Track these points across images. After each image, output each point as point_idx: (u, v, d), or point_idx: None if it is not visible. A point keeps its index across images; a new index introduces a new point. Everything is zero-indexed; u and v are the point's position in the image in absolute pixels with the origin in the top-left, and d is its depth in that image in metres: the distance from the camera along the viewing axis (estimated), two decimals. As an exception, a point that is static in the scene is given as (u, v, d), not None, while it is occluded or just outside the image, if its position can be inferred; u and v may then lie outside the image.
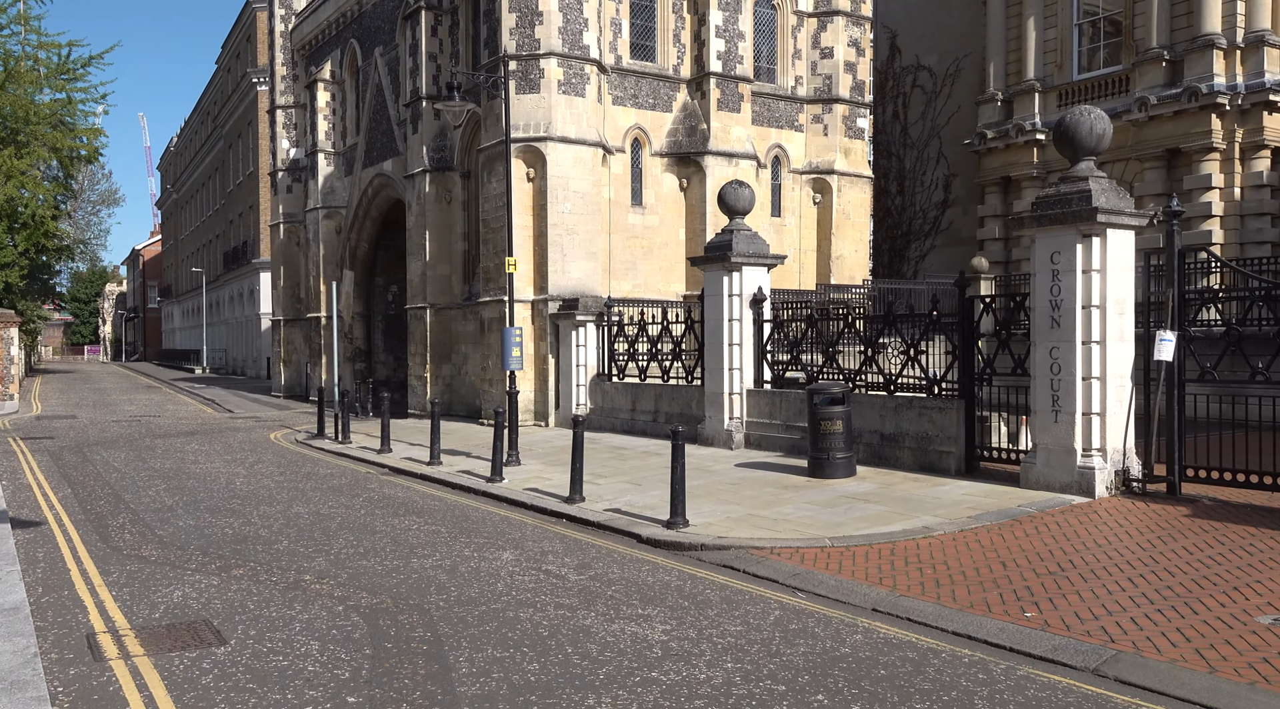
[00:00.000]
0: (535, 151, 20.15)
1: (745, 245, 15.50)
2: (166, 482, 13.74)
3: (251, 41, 48.95)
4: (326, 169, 30.40)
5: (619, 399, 18.77)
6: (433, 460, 15.73)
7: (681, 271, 22.52)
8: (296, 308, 33.93)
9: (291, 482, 14.03)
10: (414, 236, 24.40)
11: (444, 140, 23.82)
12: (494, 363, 20.72)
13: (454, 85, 15.02)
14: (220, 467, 15.61)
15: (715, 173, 21.94)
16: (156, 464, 15.81)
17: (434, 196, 23.70)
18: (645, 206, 22.17)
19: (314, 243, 30.68)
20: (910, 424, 12.80)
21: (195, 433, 21.55)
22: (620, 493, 12.53)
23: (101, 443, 19.02)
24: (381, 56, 27.49)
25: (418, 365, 24.34)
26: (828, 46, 24.02)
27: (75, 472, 14.69)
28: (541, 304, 20.29)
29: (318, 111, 30.32)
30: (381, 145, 27.68)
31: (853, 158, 24.36)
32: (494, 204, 20.75)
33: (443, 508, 12.00)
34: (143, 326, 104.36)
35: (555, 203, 20.14)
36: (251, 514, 11.07)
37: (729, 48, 22.04)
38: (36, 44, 43.27)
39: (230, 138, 55.05)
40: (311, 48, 32.42)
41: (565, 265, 20.28)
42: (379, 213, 28.92)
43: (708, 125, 21.96)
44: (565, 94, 20.24)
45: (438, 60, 23.82)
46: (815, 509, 10.79)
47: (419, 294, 24.21)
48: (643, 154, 22.15)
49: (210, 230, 63.70)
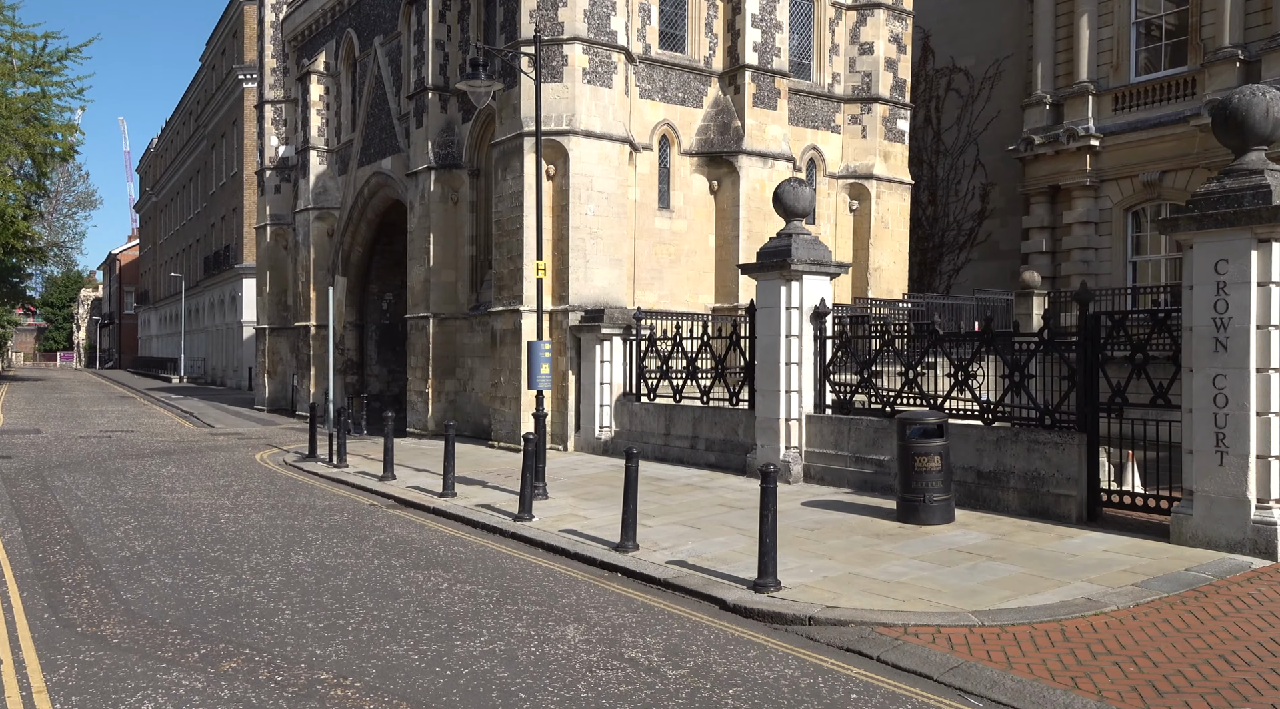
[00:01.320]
0: (556, 146, 18.26)
1: (806, 251, 13.66)
2: (138, 517, 11.68)
3: (238, 37, 46.86)
4: (319, 167, 28.38)
5: (650, 422, 16.84)
6: (446, 491, 13.76)
7: (710, 281, 20.67)
8: (283, 316, 31.80)
9: (285, 517, 12.01)
10: (416, 240, 22.42)
11: (451, 135, 21.89)
12: (507, 379, 18.76)
13: (479, 63, 13.12)
14: (201, 497, 13.55)
15: (750, 175, 20.13)
16: (127, 493, 13.72)
17: (439, 196, 21.75)
18: (673, 210, 20.31)
19: (304, 246, 28.62)
20: (1016, 460, 10.96)
21: (172, 453, 19.43)
22: (678, 539, 10.61)
23: (65, 465, 16.89)
24: (381, 46, 25.55)
25: (418, 380, 22.31)
26: (867, 42, 22.31)
27: (30, 503, 12.59)
28: (561, 315, 18.36)
29: (310, 106, 28.31)
30: (380, 141, 25.70)
31: (892, 162, 22.64)
32: (508, 204, 18.83)
33: (471, 557, 10.03)
34: (118, 333, 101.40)
35: (578, 203, 18.25)
36: (242, 567, 9.05)
37: (765, 39, 20.28)
38: (10, 35, 41.02)
39: (214, 138, 52.83)
40: (304, 38, 30.43)
41: (588, 273, 18.37)
42: (375, 214, 26.90)
43: (742, 123, 20.16)
44: (590, 84, 18.39)
45: (445, 49, 21.91)
46: (930, 568, 8.90)
47: (421, 302, 22.22)
48: (671, 153, 20.32)
49: (190, 234, 61.32)
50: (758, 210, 20.26)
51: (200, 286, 55.73)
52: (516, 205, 18.55)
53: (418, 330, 22.30)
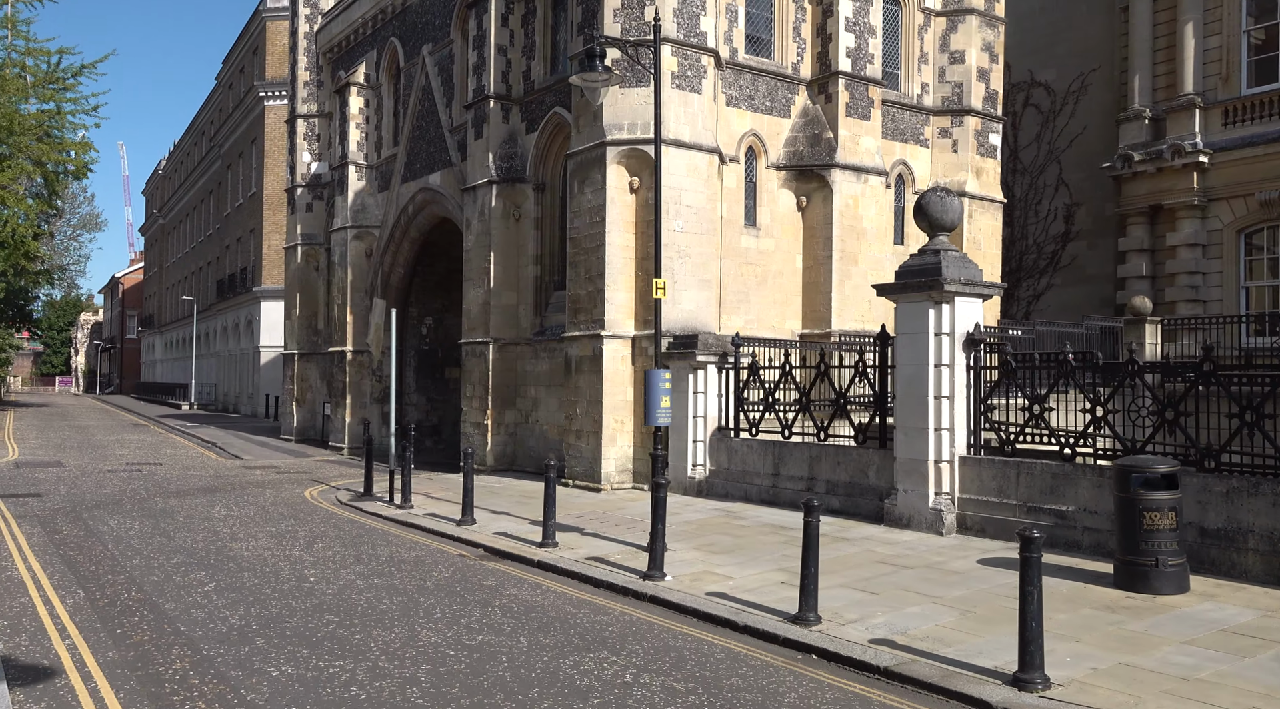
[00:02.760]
0: (641, 157, 16.72)
1: (957, 269, 12.07)
2: (212, 575, 9.95)
3: (259, 53, 45.58)
4: (358, 184, 26.84)
5: (754, 461, 15.15)
6: (546, 541, 12.04)
7: (797, 306, 19.08)
8: (313, 340, 30.13)
9: (380, 574, 10.28)
10: (473, 259, 20.82)
11: (513, 147, 20.36)
12: (584, 411, 17.09)
13: (597, 53, 11.57)
14: (270, 546, 11.81)
15: (843, 190, 18.60)
16: (185, 541, 11.98)
17: (500, 212, 20.17)
18: (760, 228, 18.76)
19: (340, 266, 27.01)
20: (1256, 517, 9.29)
21: (213, 490, 17.67)
22: (859, 608, 8.91)
23: (103, 504, 15.13)
24: (430, 55, 24.10)
25: (475, 411, 20.61)
26: (958, 50, 20.90)
27: (81, 555, 10.84)
28: (646, 341, 16.73)
29: (349, 119, 26.83)
30: (427, 156, 24.19)
31: (984, 179, 21.15)
32: (586, 219, 17.26)
33: (626, 631, 8.32)
34: (120, 358, 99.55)
35: (666, 219, 16.64)
36: (369, 649, 7.33)
37: (859, 44, 18.84)
38: (24, 50, 39.72)
39: (230, 157, 51.41)
40: (340, 50, 29.02)
41: (675, 295, 16.76)
42: (419, 233, 25.34)
43: (834, 134, 18.66)
44: (679, 89, 16.89)
45: (508, 54, 20.44)
46: (1222, 658, 7.20)
47: (478, 326, 20.57)
48: (757, 166, 18.79)
49: (201, 256, 59.73)
50: (850, 228, 18.72)
51: (212, 310, 54.05)
52: (597, 220, 16.98)
53: (475, 357, 20.64)
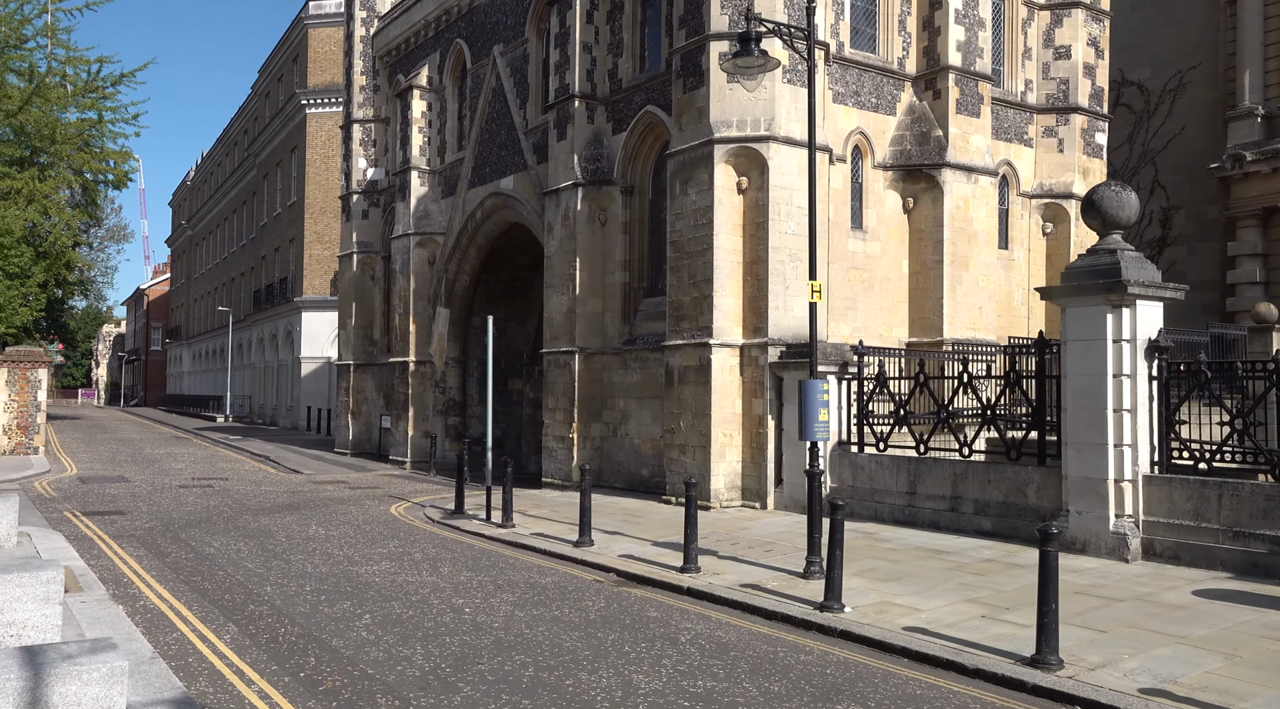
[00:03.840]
0: (751, 155, 15.84)
1: (1136, 270, 11.11)
2: (358, 604, 9.03)
3: (300, 61, 45.05)
4: (420, 190, 26.05)
5: (885, 478, 14.16)
6: (688, 565, 11.11)
7: (904, 313, 18.11)
8: (369, 351, 29.31)
9: (534, 604, 9.34)
10: (555, 265, 19.94)
11: (599, 148, 19.51)
12: (689, 424, 16.14)
13: (753, 37, 10.67)
14: (393, 570, 10.89)
15: (954, 191, 17.65)
16: (303, 564, 11.08)
17: (585, 216, 19.30)
18: (866, 231, 17.82)
19: (401, 275, 26.19)
20: None
21: (296, 507, 16.78)
22: (1099, 649, 7.91)
23: (194, 523, 14.24)
24: (502, 55, 23.32)
25: (558, 424, 19.69)
26: (1063, 45, 19.96)
27: (207, 582, 9.92)
28: (757, 350, 15.80)
29: (411, 123, 26.06)
30: (498, 159, 23.38)
31: (1091, 180, 20.15)
32: (690, 221, 16.36)
33: (852, 676, 7.36)
34: (144, 370, 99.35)
35: (776, 221, 15.77)
36: (595, 699, 6.38)
37: (969, 37, 17.93)
38: (64, 59, 39.27)
39: (266, 167, 50.84)
40: (399, 53, 28.30)
41: (787, 301, 15.83)
42: (487, 240, 24.52)
43: (944, 132, 17.73)
44: (790, 84, 16.01)
45: (593, 52, 19.61)
46: None
47: (562, 336, 19.67)
48: (863, 165, 17.88)
49: (234, 267, 59.18)
50: (961, 231, 17.77)
51: (247, 321, 53.39)
52: (702, 222, 16.08)
53: (558, 367, 19.74)
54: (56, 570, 6.55)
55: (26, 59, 39.22)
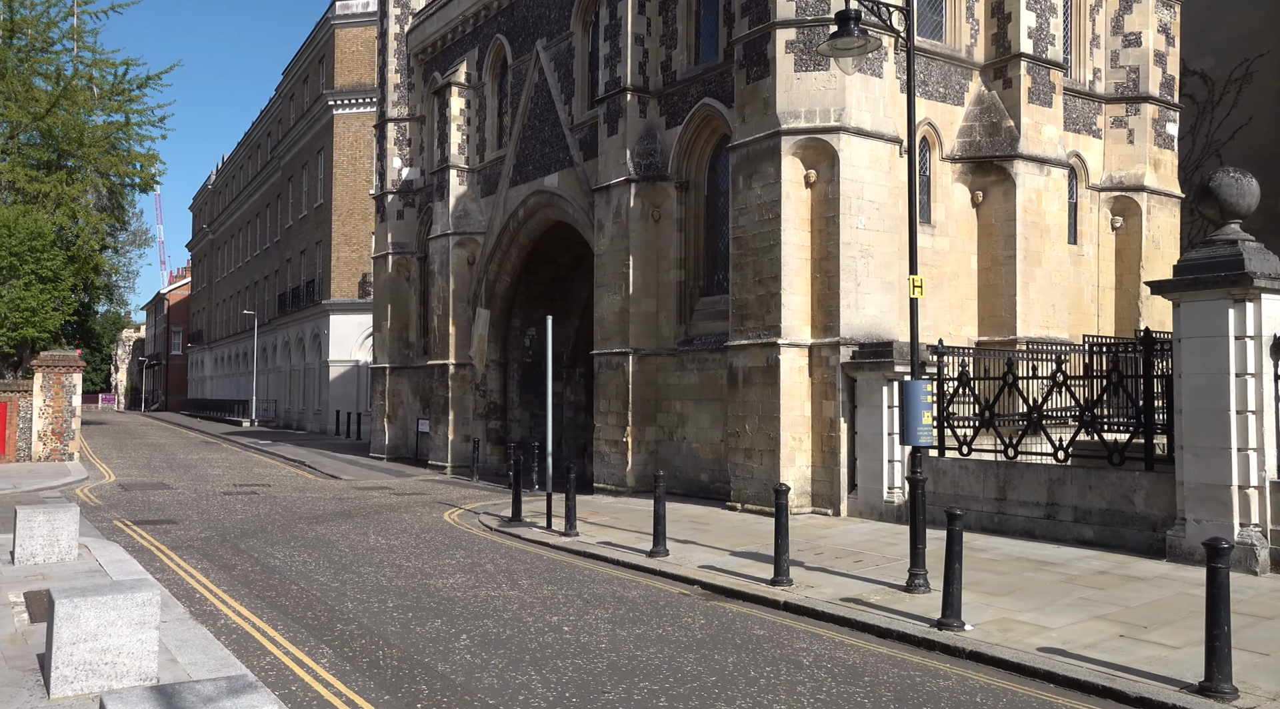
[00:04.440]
0: (820, 147, 15.20)
1: (1260, 262, 10.44)
2: (450, 623, 8.43)
3: (326, 62, 44.69)
4: (459, 188, 25.52)
5: (970, 483, 13.49)
6: (779, 577, 10.47)
7: (973, 310, 17.43)
8: (404, 354, 28.80)
9: (632, 621, 8.72)
10: (607, 264, 19.35)
11: (652, 143, 18.91)
12: (756, 427, 15.51)
13: (850, 15, 10.03)
14: (470, 583, 10.30)
15: (1026, 183, 16.96)
16: (375, 577, 10.50)
17: (639, 213, 18.70)
18: (934, 225, 17.16)
19: (440, 276, 25.66)
20: None
21: (347, 514, 16.23)
22: (1275, 676, 7.23)
23: (250, 533, 13.69)
24: (546, 50, 22.77)
25: (611, 428, 19.08)
26: (1133, 32, 19.25)
27: (284, 598, 9.32)
28: (828, 349, 15.15)
29: (449, 120, 25.53)
30: (541, 156, 22.82)
31: (1162, 172, 19.44)
32: (755, 217, 15.74)
33: (1004, 705, 6.70)
34: (165, 374, 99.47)
35: (847, 215, 15.13)
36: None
37: (1040, 24, 17.24)
38: (90, 62, 39.06)
39: (292, 169, 50.53)
40: (435, 50, 27.80)
41: (859, 299, 15.18)
42: (529, 239, 23.96)
43: (1016, 122, 17.04)
44: (860, 72, 15.36)
45: (645, 44, 19.03)
46: None
47: (614, 336, 19.07)
48: (931, 157, 17.21)
49: (257, 271, 58.93)
50: (1034, 226, 17.07)
51: (272, 325, 53.06)
52: (768, 218, 15.45)
53: (610, 369, 19.13)
54: (151, 591, 5.99)
55: (54, 62, 39.05)
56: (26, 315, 26.87)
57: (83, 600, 5.73)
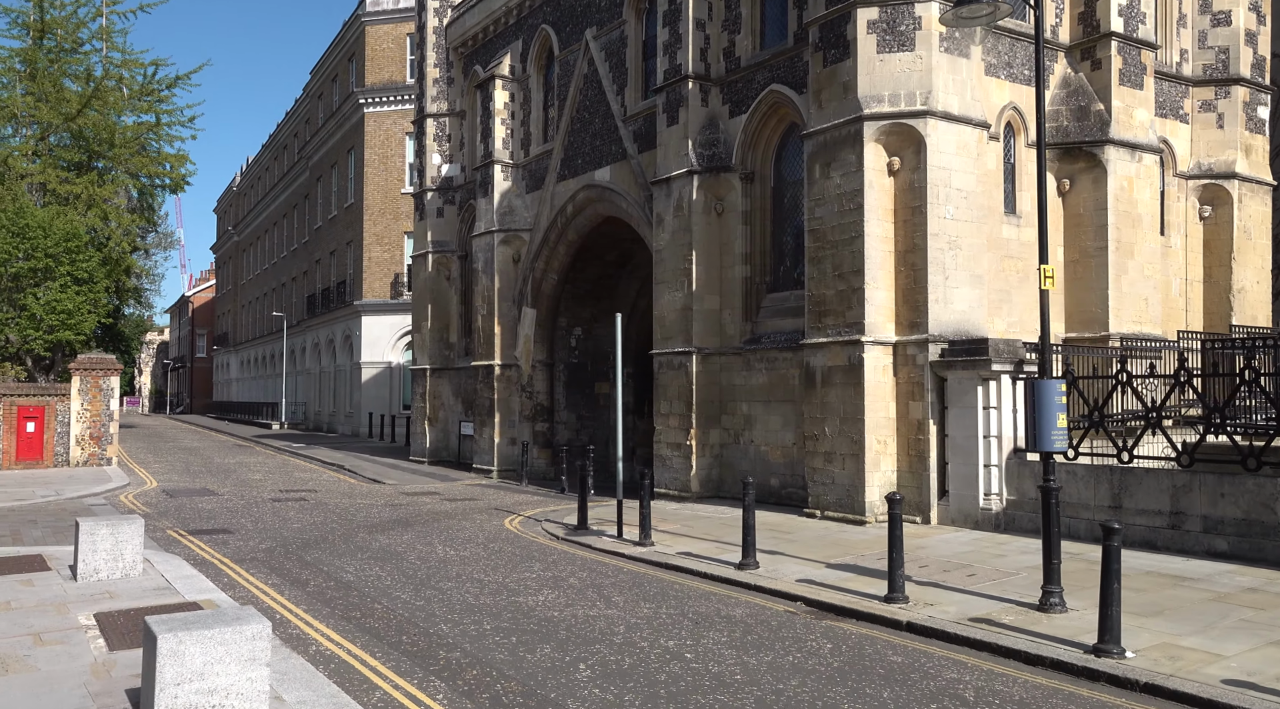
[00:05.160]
0: (904, 132, 14.34)
1: None
2: (559, 649, 7.65)
3: (356, 60, 44.14)
4: (504, 184, 24.79)
5: (1079, 490, 12.58)
6: (894, 594, 9.64)
7: (1060, 305, 16.50)
8: (445, 355, 28.10)
9: (755, 646, 7.92)
10: (667, 260, 18.55)
11: (714, 133, 18.09)
12: (837, 430, 14.66)
13: (979, -18, 9.18)
14: (562, 600, 9.51)
15: (1117, 170, 16.03)
16: (459, 594, 9.73)
17: (701, 206, 17.89)
18: (1019, 215, 16.26)
19: (485, 274, 24.93)
20: None
21: (406, 522, 15.50)
22: None
23: (310, 542, 12.98)
24: (596, 39, 21.99)
25: (673, 431, 18.27)
26: (1222, 11, 18.26)
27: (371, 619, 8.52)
28: (914, 347, 14.29)
29: (493, 114, 24.81)
30: (592, 149, 22.06)
31: (1253, 158, 18.44)
32: (834, 207, 14.89)
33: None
34: (189, 377, 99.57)
35: (935, 205, 14.26)
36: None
37: (1130, 1, 16.31)
38: (120, 62, 38.68)
39: (320, 169, 50.03)
40: (476, 43, 27.10)
41: (946, 293, 14.31)
42: (578, 236, 23.19)
43: (1106, 105, 16.11)
44: (947, 53, 14.50)
45: (706, 30, 18.22)
46: None
47: (676, 335, 18.26)
48: (1015, 144, 16.31)
49: (285, 272, 58.52)
50: (1125, 215, 16.14)
51: (301, 326, 52.58)
52: (849, 208, 14.60)
53: (671, 369, 18.32)
54: (262, 624, 5.23)
55: (83, 62, 38.70)
56: (63, 318, 26.39)
57: (187, 635, 4.98)
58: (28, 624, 7.41)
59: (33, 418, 23.17)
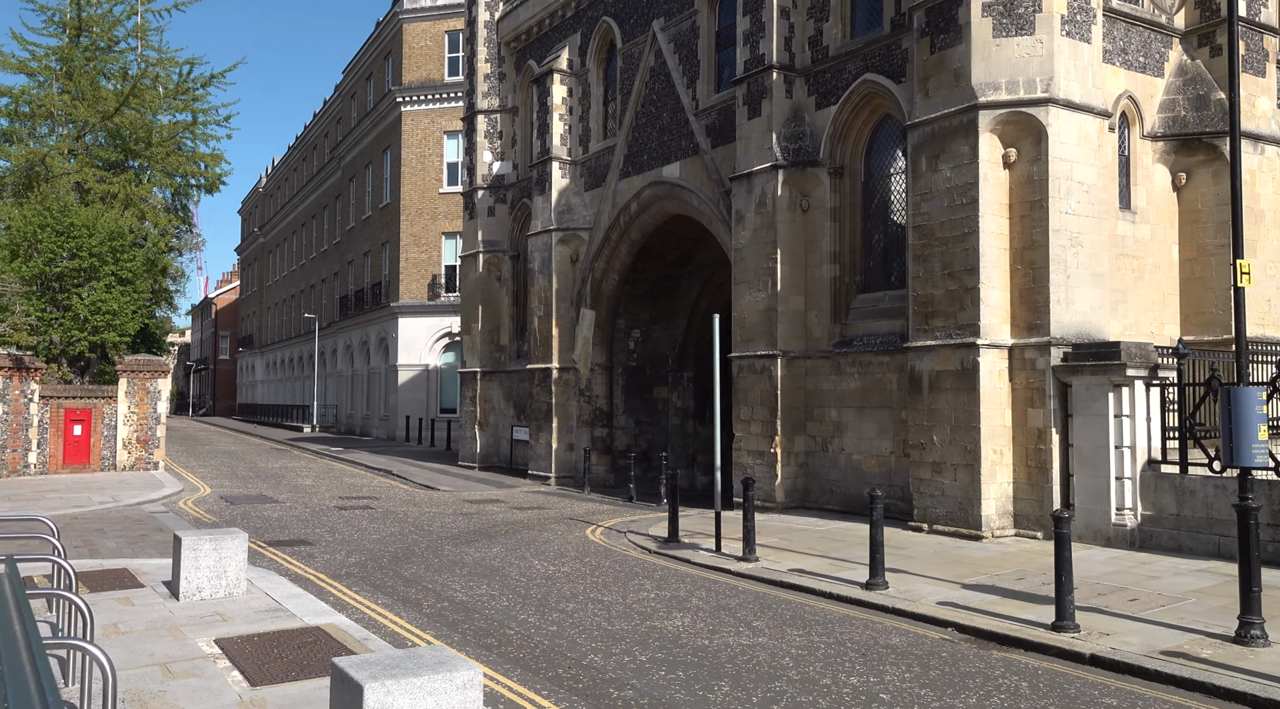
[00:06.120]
0: (1022, 122, 13.46)
1: None
2: (736, 685, 6.82)
3: (393, 58, 43.52)
4: (561, 182, 24.01)
5: (1224, 506, 11.65)
6: (1063, 621, 8.76)
7: (1175, 307, 15.57)
8: (496, 357, 27.34)
9: (939, 682, 7.07)
10: (747, 259, 17.70)
11: (800, 126, 17.25)
12: (948, 439, 13.76)
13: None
14: (701, 626, 8.67)
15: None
16: (588, 616, 8.90)
17: (786, 202, 17.05)
18: (1134, 210, 15.34)
19: (541, 275, 24.15)
20: None
21: (487, 533, 14.69)
22: None
23: (400, 556, 12.18)
24: (663, 31, 21.19)
25: (756, 438, 17.40)
26: (1338, -2, 17.29)
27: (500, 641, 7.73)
28: (1033, 351, 13.39)
29: (551, 110, 24.03)
30: (659, 145, 21.25)
31: (1370, 153, 17.44)
32: (942, 202, 14.01)
33: None
34: (212, 379, 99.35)
35: (1057, 199, 13.37)
36: None
37: (1251, -15, 15.40)
38: (155, 60, 38.18)
39: (353, 168, 49.44)
40: (530, 38, 26.36)
41: (1068, 293, 13.41)
42: (641, 234, 22.38)
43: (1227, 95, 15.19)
44: (1068, 37, 13.61)
45: (790, 18, 17.39)
46: None
47: (758, 338, 17.40)
48: (1130, 134, 15.40)
49: (314, 273, 57.97)
50: (1248, 211, 15.14)
51: (333, 328, 51.96)
52: (962, 203, 13.72)
53: (753, 374, 17.46)
54: (471, 672, 4.42)
55: (119, 61, 38.26)
56: (107, 318, 25.77)
57: (395, 685, 4.17)
58: (147, 652, 6.64)
59: (80, 421, 22.52)
